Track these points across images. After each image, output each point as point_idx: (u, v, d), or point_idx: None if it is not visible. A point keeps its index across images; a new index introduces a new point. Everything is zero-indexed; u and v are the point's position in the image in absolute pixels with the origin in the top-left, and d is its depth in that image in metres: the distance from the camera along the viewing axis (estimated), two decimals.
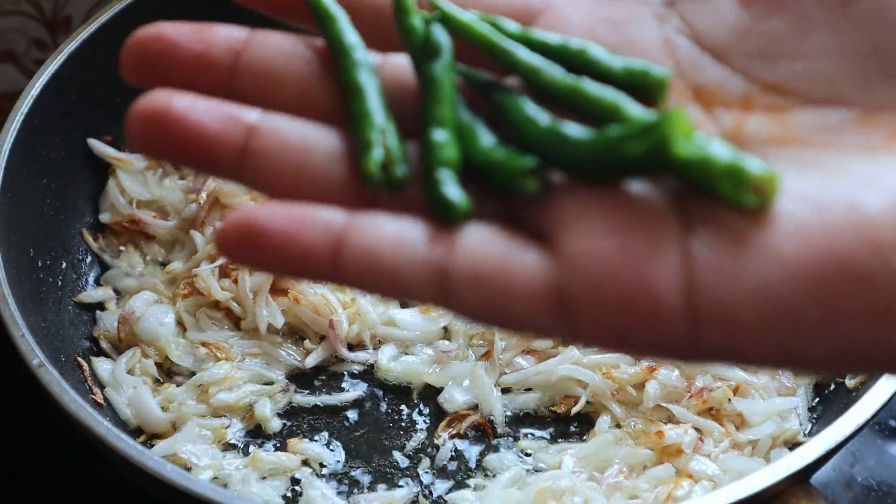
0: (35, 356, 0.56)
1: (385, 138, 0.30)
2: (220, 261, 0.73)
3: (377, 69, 0.32)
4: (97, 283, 0.76)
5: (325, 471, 0.67)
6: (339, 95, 0.31)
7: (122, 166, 0.78)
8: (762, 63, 0.30)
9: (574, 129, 0.29)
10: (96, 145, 0.78)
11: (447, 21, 0.31)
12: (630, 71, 0.30)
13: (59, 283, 0.73)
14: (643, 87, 0.30)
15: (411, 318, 0.73)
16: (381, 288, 0.29)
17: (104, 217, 0.78)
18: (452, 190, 0.29)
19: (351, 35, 0.32)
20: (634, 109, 0.29)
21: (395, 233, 0.29)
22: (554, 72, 0.30)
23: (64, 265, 0.74)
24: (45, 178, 0.74)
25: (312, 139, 0.30)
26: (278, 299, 0.72)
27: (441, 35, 0.31)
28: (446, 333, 0.73)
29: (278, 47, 0.32)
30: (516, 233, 0.29)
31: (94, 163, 0.79)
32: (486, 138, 0.30)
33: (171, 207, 0.78)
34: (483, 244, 0.28)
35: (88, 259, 0.77)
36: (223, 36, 0.32)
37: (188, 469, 0.63)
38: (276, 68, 0.32)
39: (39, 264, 0.71)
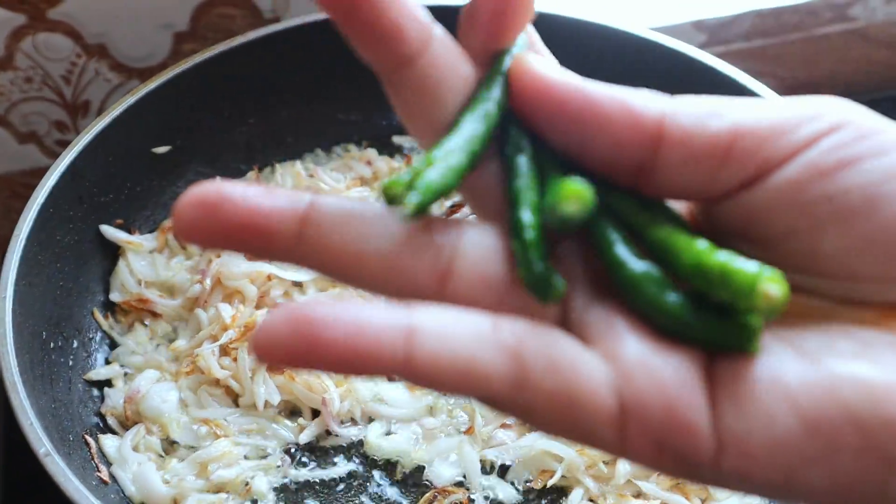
0: (42, 445, 0.61)
1: (423, 170, 0.30)
2: (222, 340, 0.77)
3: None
4: (106, 360, 0.81)
5: None
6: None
7: (132, 248, 0.84)
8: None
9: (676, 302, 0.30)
10: (108, 230, 0.83)
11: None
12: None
13: (71, 361, 0.78)
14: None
15: (399, 395, 0.77)
16: (457, 377, 0.28)
17: (114, 296, 0.83)
18: (550, 270, 0.30)
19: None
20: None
21: (461, 319, 0.29)
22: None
23: (75, 344, 0.79)
24: (59, 263, 0.79)
25: (367, 211, 0.30)
26: (274, 377, 0.77)
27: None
28: (431, 411, 0.77)
29: (342, 212, 0.31)
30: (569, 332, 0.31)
31: (105, 245, 0.84)
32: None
33: (177, 287, 0.83)
34: (554, 337, 0.30)
35: (98, 337, 0.82)
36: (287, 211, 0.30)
37: None
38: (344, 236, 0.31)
39: (52, 346, 0.76)
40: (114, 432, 0.76)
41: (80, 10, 0.88)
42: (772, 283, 0.29)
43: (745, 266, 0.29)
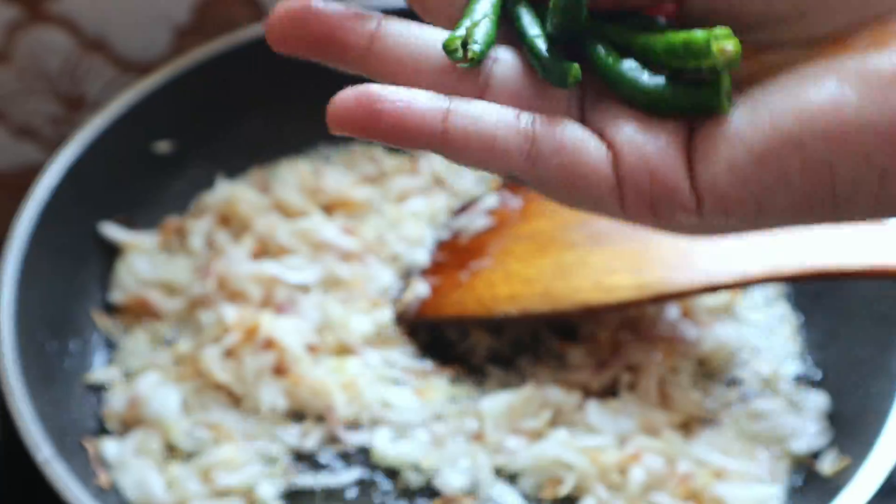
0: (40, 450, 0.59)
1: (474, 26, 0.37)
2: (225, 342, 0.75)
3: None
4: (107, 361, 0.79)
5: None
6: None
7: (132, 247, 0.82)
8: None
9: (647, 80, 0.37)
10: (107, 229, 0.81)
11: None
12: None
13: (70, 363, 0.76)
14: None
15: (406, 401, 0.75)
16: (481, 151, 0.36)
17: (114, 296, 0.81)
18: (560, 58, 0.37)
19: None
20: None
21: (490, 107, 0.36)
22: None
23: (75, 346, 0.77)
24: (57, 262, 0.77)
25: (431, 35, 0.37)
26: (279, 380, 0.75)
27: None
28: (440, 417, 0.75)
29: (406, 32, 0.38)
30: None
31: (104, 244, 0.82)
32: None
33: (178, 287, 0.81)
34: (565, 124, 0.36)
35: (98, 338, 0.80)
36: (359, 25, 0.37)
37: None
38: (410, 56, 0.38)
39: (51, 348, 0.74)
40: (114, 436, 0.74)
41: (78, 3, 0.86)
42: (724, 39, 0.35)
43: (699, 32, 0.36)
